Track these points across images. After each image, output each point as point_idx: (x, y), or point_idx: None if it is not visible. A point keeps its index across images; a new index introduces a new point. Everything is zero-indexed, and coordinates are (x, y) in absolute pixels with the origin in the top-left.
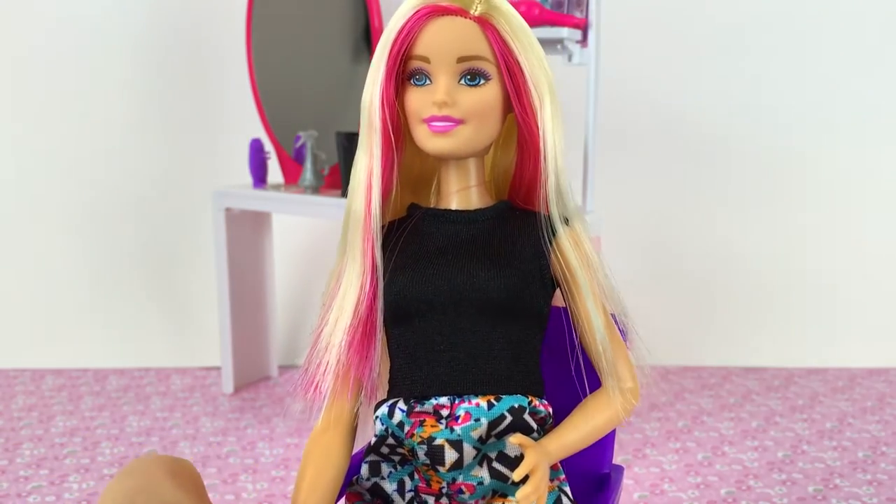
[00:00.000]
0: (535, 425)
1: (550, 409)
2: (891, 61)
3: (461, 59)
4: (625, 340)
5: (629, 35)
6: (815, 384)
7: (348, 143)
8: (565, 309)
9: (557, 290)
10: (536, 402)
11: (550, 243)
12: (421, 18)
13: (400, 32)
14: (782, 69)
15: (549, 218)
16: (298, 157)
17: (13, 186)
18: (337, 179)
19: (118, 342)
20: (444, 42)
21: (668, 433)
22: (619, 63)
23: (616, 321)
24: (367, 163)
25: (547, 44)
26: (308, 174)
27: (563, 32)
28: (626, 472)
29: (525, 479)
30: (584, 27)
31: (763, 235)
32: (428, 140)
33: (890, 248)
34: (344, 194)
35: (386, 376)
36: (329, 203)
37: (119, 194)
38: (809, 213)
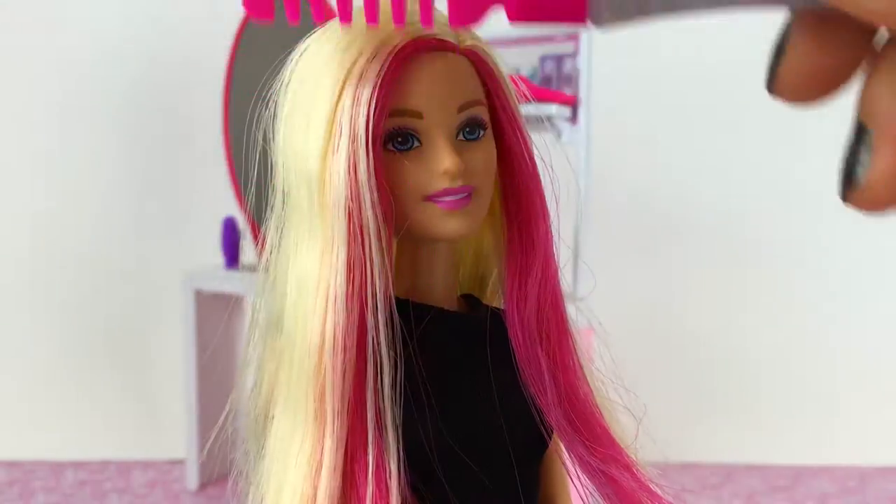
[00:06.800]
0: None
1: None
2: None
3: (462, 108)
4: None
5: (622, 113)
6: (825, 484)
7: None
8: None
9: None
10: None
11: None
12: (404, 60)
13: (375, 82)
14: (784, 148)
15: None
16: None
17: None
18: None
19: (77, 432)
20: (442, 89)
21: None
22: (611, 142)
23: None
24: (357, 271)
25: (533, 120)
26: None
27: (552, 109)
28: None
29: None
30: (574, 104)
31: (766, 324)
32: (441, 221)
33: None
34: None
35: None
36: None
37: (82, 274)
38: (811, 302)
